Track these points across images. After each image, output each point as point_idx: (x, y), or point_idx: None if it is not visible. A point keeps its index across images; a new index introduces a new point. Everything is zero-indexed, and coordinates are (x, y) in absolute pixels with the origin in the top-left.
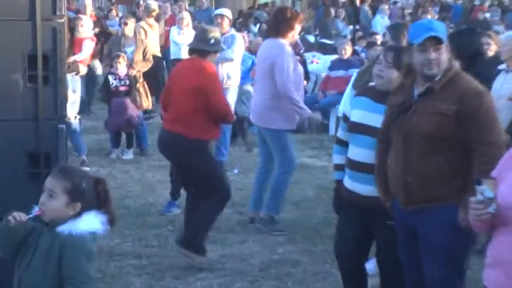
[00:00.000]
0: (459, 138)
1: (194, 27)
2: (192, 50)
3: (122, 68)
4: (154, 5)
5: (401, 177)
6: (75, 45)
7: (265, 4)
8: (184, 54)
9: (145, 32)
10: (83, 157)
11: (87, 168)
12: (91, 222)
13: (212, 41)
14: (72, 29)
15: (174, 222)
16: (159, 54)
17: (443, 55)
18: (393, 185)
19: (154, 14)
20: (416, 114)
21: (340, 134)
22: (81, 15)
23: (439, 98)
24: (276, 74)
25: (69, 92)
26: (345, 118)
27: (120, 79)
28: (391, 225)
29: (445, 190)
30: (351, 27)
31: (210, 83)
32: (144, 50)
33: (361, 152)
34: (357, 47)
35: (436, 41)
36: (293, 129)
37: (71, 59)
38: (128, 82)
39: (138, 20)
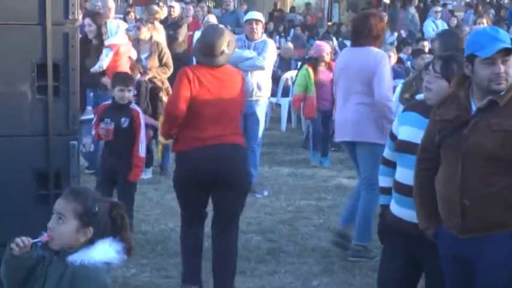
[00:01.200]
0: None
1: None
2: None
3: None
4: (156, 7)
5: (456, 200)
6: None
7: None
8: None
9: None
10: None
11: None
12: (106, 251)
13: (226, 51)
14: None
15: None
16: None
17: None
18: (444, 209)
19: (158, 16)
20: (477, 131)
21: (387, 153)
22: (110, 19)
23: (504, 113)
24: (377, 83)
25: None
26: (392, 136)
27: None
28: None
29: (508, 215)
30: (396, 33)
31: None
32: (160, 54)
33: (410, 173)
34: (402, 55)
35: (505, 52)
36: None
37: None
38: (135, 92)
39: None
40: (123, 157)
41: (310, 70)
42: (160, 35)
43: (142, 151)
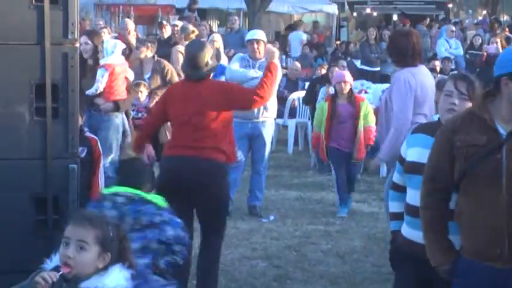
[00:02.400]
0: None
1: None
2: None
3: (143, 98)
4: (191, 26)
5: (502, 229)
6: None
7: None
8: None
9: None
10: None
11: None
12: (117, 279)
13: (210, 62)
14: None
15: None
16: None
17: None
18: (482, 241)
19: (193, 36)
20: None
21: (396, 177)
22: (111, 39)
23: None
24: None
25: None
26: (401, 159)
27: (138, 111)
28: None
29: None
30: None
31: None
32: (163, 72)
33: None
34: None
35: None
36: None
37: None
38: (145, 115)
39: (160, 42)
40: (83, 193)
41: (327, 104)
42: None
43: (102, 183)
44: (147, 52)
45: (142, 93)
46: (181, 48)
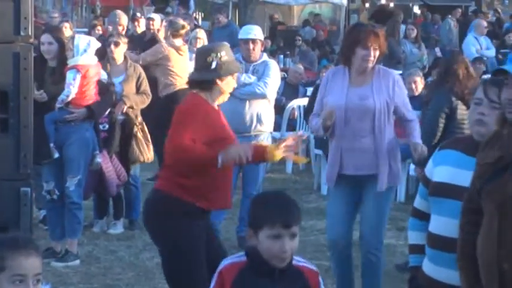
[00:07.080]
0: None
1: None
2: (191, 83)
3: None
4: (180, 21)
5: (494, 263)
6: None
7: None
8: None
9: (170, 58)
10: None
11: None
12: None
13: (214, 64)
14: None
15: None
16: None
17: None
18: (483, 273)
19: (183, 32)
20: None
21: (418, 202)
22: (83, 35)
23: None
24: None
25: None
26: (426, 180)
27: (100, 122)
28: None
29: None
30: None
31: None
32: (138, 79)
33: (448, 223)
34: (431, 78)
35: None
36: None
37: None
38: (107, 126)
39: (132, 39)
40: None
41: None
42: (184, 56)
43: None
44: (122, 50)
45: None
46: (169, 49)
